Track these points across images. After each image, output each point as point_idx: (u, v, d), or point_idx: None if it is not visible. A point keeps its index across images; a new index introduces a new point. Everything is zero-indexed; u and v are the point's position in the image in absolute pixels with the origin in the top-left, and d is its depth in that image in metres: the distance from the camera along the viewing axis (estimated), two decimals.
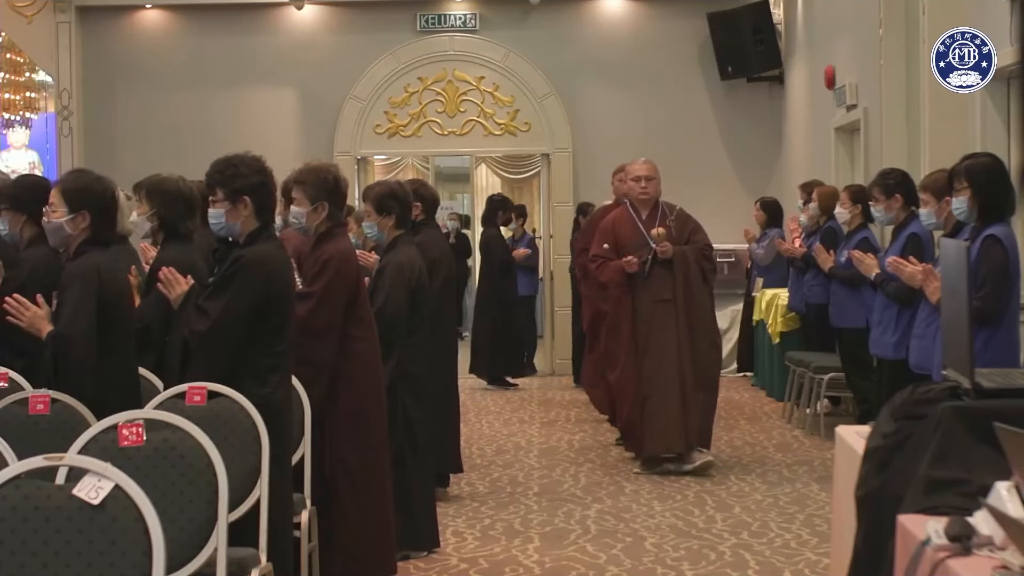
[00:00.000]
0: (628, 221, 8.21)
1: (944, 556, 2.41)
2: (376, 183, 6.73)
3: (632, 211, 8.22)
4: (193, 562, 3.71)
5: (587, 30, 14.11)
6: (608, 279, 8.16)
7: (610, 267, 8.13)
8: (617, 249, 8.13)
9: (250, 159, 4.56)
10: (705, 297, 8.19)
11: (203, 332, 4.36)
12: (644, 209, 8.19)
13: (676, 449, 8.05)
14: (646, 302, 8.03)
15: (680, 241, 8.08)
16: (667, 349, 8.00)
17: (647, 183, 8.16)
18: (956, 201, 5.58)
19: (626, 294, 8.09)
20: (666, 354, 7.99)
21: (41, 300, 4.49)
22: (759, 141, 13.82)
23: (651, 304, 8.02)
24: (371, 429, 5.33)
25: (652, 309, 8.02)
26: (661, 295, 8.01)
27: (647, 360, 8.02)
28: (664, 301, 8.01)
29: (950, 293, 3.53)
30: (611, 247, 8.16)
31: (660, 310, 8.01)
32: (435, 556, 6.21)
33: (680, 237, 8.11)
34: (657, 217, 8.16)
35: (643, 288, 8.03)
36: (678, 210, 8.25)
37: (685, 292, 8.02)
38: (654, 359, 8.01)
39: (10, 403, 4.29)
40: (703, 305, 8.15)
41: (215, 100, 13.99)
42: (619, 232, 8.19)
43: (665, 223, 8.10)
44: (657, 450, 8.08)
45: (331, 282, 5.22)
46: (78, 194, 4.58)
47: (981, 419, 2.78)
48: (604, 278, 8.21)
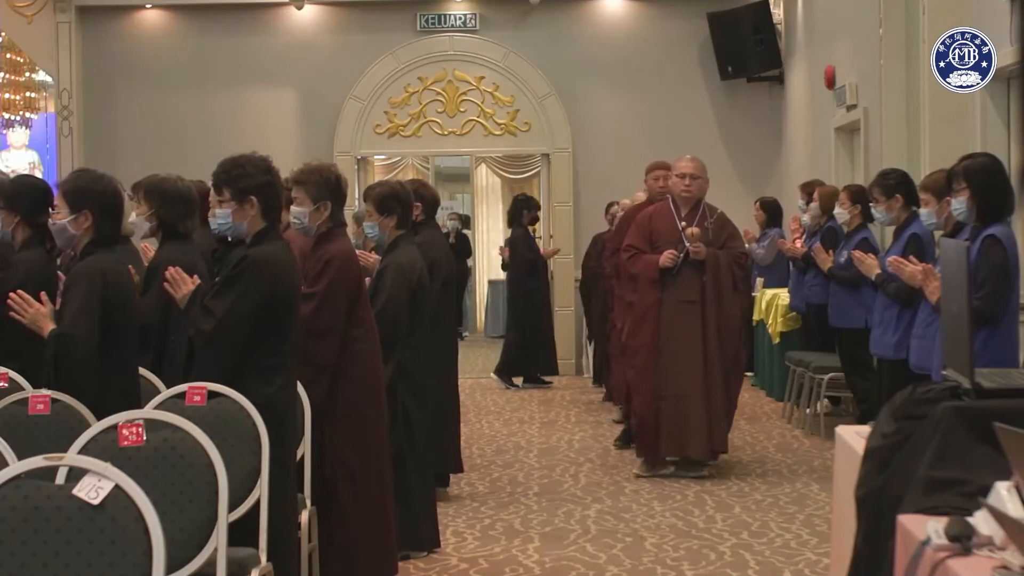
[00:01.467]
0: (667, 216, 8.05)
1: (944, 556, 2.41)
2: (377, 183, 6.73)
3: (673, 207, 8.07)
4: (193, 562, 3.71)
5: (587, 30, 14.11)
6: (640, 271, 8.00)
7: (643, 260, 7.97)
8: (651, 243, 8.01)
9: (257, 159, 4.57)
10: (734, 305, 8.01)
11: (208, 331, 4.37)
12: (685, 207, 8.03)
13: (698, 456, 7.94)
14: (672, 301, 7.89)
15: (716, 245, 7.94)
16: (688, 351, 7.85)
17: (692, 181, 7.98)
18: (955, 202, 5.58)
19: (654, 290, 7.93)
20: (687, 356, 7.84)
21: (45, 298, 4.49)
22: (759, 141, 13.83)
23: (676, 304, 7.88)
24: (371, 429, 5.33)
25: (677, 309, 7.88)
26: (688, 296, 7.87)
27: (664, 359, 7.90)
28: (690, 302, 7.86)
29: (950, 293, 3.53)
30: (646, 239, 8.03)
31: (685, 311, 7.87)
32: (435, 556, 6.21)
33: (716, 241, 7.95)
34: (696, 217, 7.99)
35: (670, 286, 7.89)
36: (719, 213, 8.08)
37: (714, 296, 7.86)
38: (673, 360, 7.88)
39: (10, 403, 4.29)
40: (731, 313, 7.97)
41: (215, 100, 14.00)
42: (655, 226, 8.05)
43: (703, 224, 7.95)
44: (668, 453, 7.98)
45: (333, 283, 5.22)
46: (78, 194, 4.58)
47: (981, 419, 2.78)
48: (636, 269, 8.04)
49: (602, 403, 11.23)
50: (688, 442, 7.91)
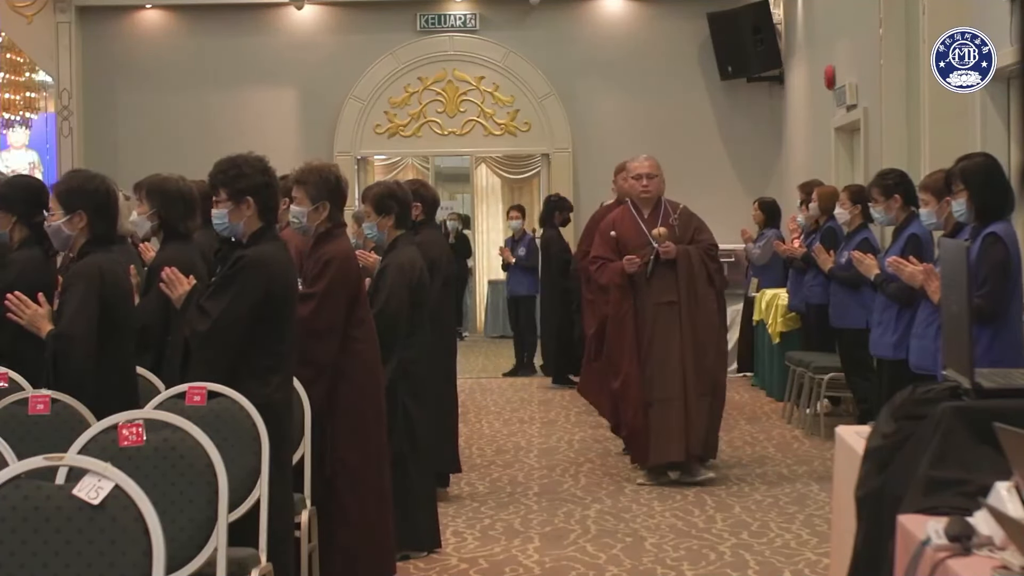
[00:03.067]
0: (629, 220, 7.89)
1: (944, 556, 2.41)
2: (375, 183, 6.73)
3: (633, 210, 7.90)
4: (193, 562, 3.71)
5: (587, 30, 14.11)
6: (608, 281, 7.81)
7: (610, 268, 7.79)
8: (618, 250, 7.84)
9: (254, 159, 4.57)
10: (711, 299, 7.83)
11: (204, 332, 4.37)
12: (646, 208, 7.85)
13: (679, 458, 7.74)
14: (649, 305, 7.70)
15: (684, 241, 7.76)
16: (671, 354, 7.67)
17: (648, 181, 7.83)
18: (955, 204, 5.59)
19: (627, 297, 7.75)
20: (670, 359, 7.66)
21: (42, 299, 4.49)
22: (759, 141, 13.83)
23: (654, 307, 7.69)
24: (371, 429, 5.32)
25: (655, 312, 7.69)
26: (664, 297, 7.69)
27: (649, 365, 7.73)
28: (668, 303, 7.69)
29: (950, 293, 3.52)
30: (611, 248, 7.87)
31: (664, 313, 7.69)
32: (435, 556, 6.20)
33: (684, 236, 7.78)
34: (659, 216, 7.82)
35: (645, 290, 7.71)
36: (681, 208, 7.92)
37: (689, 294, 7.69)
38: (657, 364, 7.68)
39: (10, 403, 4.29)
40: (708, 308, 7.81)
41: (215, 100, 14.00)
42: (620, 232, 7.88)
43: (668, 222, 7.78)
44: (661, 459, 7.76)
45: (333, 283, 5.22)
46: (71, 194, 4.59)
47: (981, 419, 2.78)
48: (604, 280, 7.85)
49: None
50: (679, 446, 7.68)
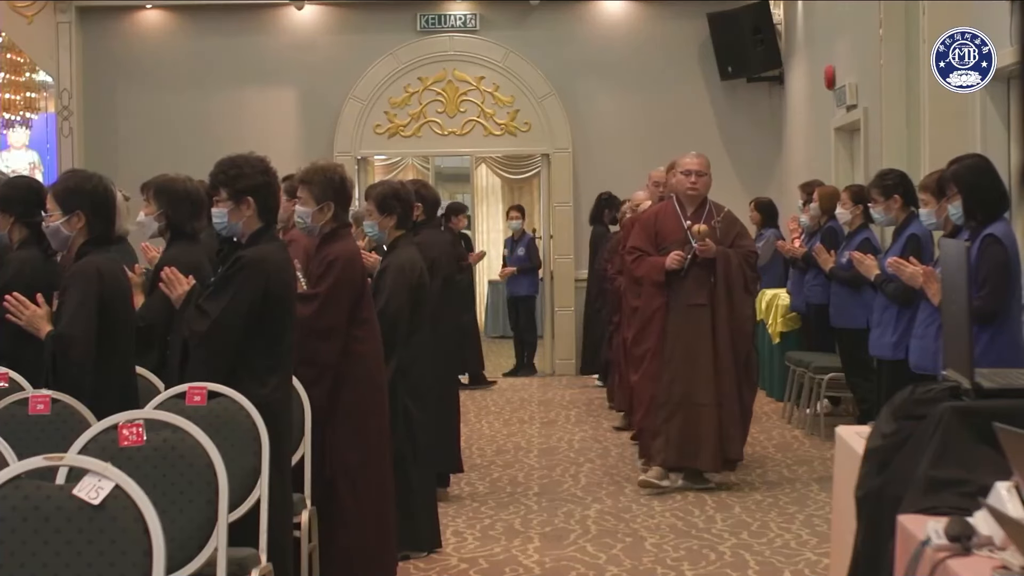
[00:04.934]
0: (671, 216, 7.67)
1: (944, 556, 2.41)
2: (378, 183, 6.74)
3: (677, 206, 7.70)
4: (193, 562, 3.71)
5: (587, 30, 14.10)
6: (644, 274, 7.62)
7: (648, 262, 7.59)
8: (657, 245, 7.62)
9: (254, 159, 4.57)
10: (747, 307, 7.65)
11: (203, 332, 4.37)
12: (691, 206, 7.65)
13: (693, 466, 7.58)
14: (679, 305, 7.50)
15: (724, 244, 7.55)
16: (698, 358, 7.47)
17: (697, 178, 7.62)
18: (951, 207, 5.60)
19: (660, 293, 7.53)
20: (696, 363, 7.46)
21: (41, 299, 4.49)
22: (759, 141, 13.82)
23: (684, 308, 7.48)
24: (372, 430, 5.33)
25: (685, 313, 7.49)
26: (696, 299, 7.48)
27: (672, 366, 7.51)
28: (699, 306, 7.47)
29: (950, 293, 3.53)
30: (651, 240, 7.65)
31: (694, 315, 7.48)
32: (435, 556, 6.21)
33: (725, 240, 7.57)
34: (703, 216, 7.61)
35: (677, 290, 7.51)
36: (726, 211, 7.73)
37: (725, 298, 7.47)
38: (681, 367, 7.49)
39: (10, 403, 4.29)
40: (743, 315, 7.59)
41: (215, 100, 13.99)
42: (660, 227, 7.67)
43: (710, 222, 7.57)
44: (676, 464, 7.59)
45: (336, 283, 5.22)
46: (69, 194, 4.59)
47: (981, 419, 2.78)
48: (640, 272, 7.65)
49: (606, 407, 11.17)
50: (698, 453, 7.54)
